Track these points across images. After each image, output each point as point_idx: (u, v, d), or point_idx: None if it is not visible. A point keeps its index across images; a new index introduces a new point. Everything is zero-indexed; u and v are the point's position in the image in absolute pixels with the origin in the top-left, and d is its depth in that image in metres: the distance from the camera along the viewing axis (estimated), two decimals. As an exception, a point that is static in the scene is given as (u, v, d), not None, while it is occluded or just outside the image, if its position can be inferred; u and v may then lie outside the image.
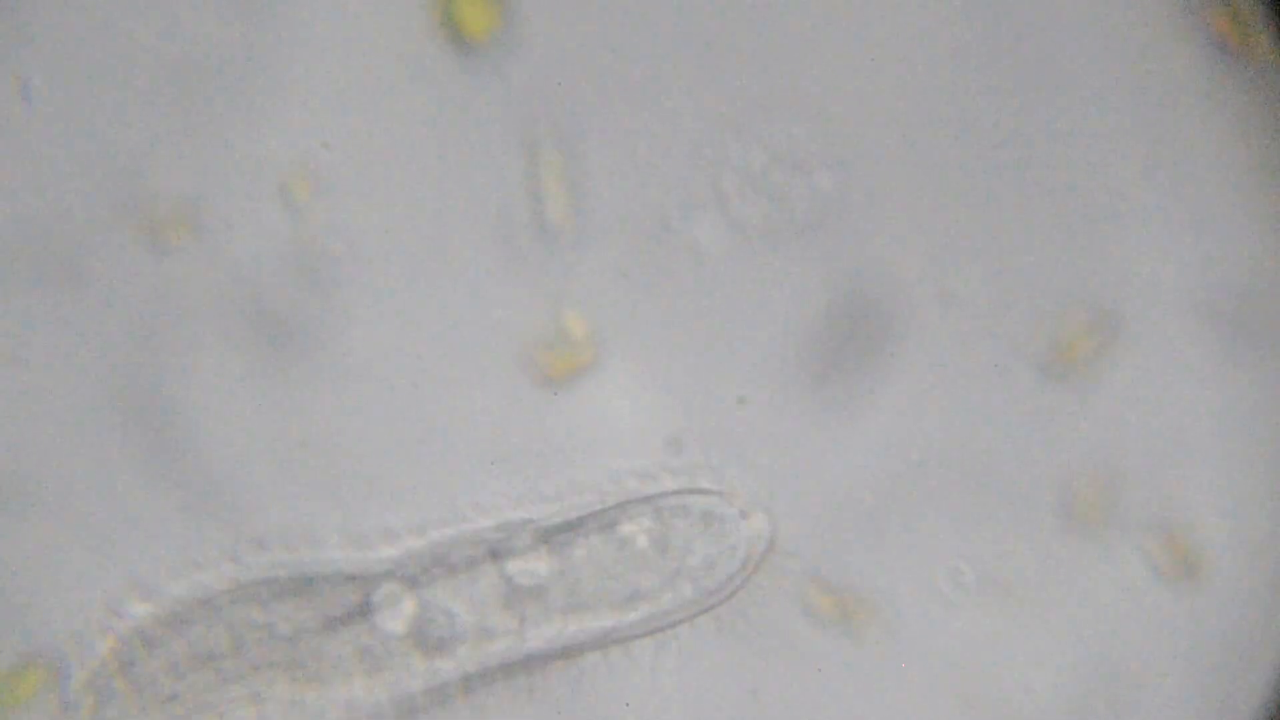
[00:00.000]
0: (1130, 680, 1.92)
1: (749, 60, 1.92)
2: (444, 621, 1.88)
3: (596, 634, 1.89)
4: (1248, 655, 1.93)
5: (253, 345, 1.90)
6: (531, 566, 1.89)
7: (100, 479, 1.90)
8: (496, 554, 1.89)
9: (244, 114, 1.90)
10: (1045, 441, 1.92)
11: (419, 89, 1.90)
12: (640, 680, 1.90)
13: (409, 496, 1.90)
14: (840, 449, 1.92)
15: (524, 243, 1.91)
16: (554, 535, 1.89)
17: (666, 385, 1.92)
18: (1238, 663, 1.92)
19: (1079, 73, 1.93)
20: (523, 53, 1.90)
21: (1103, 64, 1.93)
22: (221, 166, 1.90)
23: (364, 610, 1.87)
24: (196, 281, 1.90)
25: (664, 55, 1.91)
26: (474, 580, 1.88)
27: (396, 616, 1.87)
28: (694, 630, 1.90)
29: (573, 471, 1.91)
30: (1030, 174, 1.92)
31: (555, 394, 1.91)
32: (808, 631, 1.91)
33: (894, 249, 1.92)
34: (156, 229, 1.89)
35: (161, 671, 1.87)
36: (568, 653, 1.89)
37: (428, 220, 1.91)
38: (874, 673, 1.92)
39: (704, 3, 1.91)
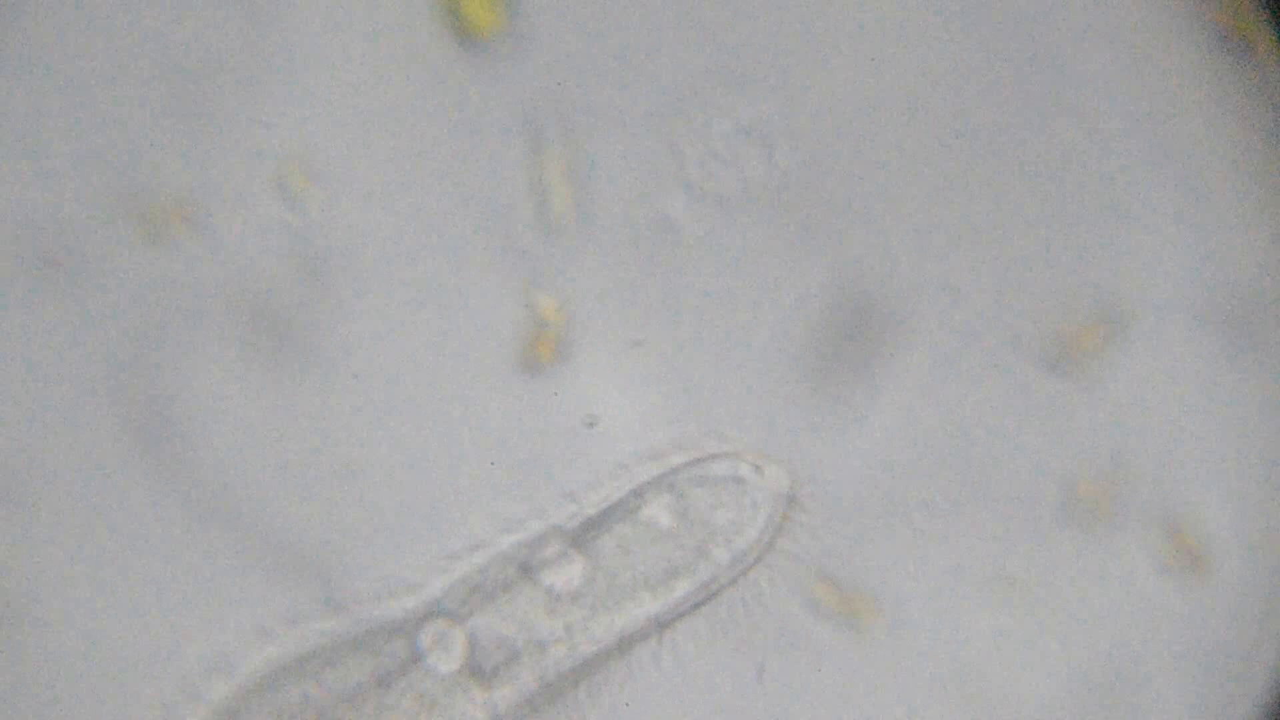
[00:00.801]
0: (1133, 677, 1.93)
1: (755, 53, 1.94)
2: (495, 648, 1.87)
3: (646, 621, 1.89)
4: (1251, 651, 1.94)
5: (253, 345, 1.89)
6: (566, 572, 1.88)
7: (100, 478, 1.88)
8: (528, 568, 1.88)
9: (244, 108, 1.90)
10: (1048, 436, 1.93)
11: (421, 84, 1.91)
12: (648, 679, 1.90)
13: (423, 524, 1.89)
14: (839, 444, 1.93)
15: (524, 238, 1.91)
16: (579, 536, 1.89)
17: (664, 372, 1.93)
18: (1241, 660, 1.93)
19: (1082, 69, 1.94)
20: (527, 49, 1.91)
21: (1105, 61, 1.95)
22: (221, 161, 1.89)
23: (414, 657, 1.86)
24: (196, 280, 1.89)
25: (668, 49, 1.93)
26: (513, 600, 1.88)
27: (448, 655, 1.86)
28: (699, 627, 1.90)
29: (582, 466, 1.91)
30: (1030, 174, 1.94)
31: (552, 387, 1.91)
32: (812, 626, 1.92)
33: (895, 240, 1.93)
34: (154, 223, 1.88)
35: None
36: (623, 646, 1.89)
37: (427, 215, 1.91)
38: (878, 666, 1.93)
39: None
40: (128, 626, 1.88)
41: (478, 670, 1.87)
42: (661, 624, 1.89)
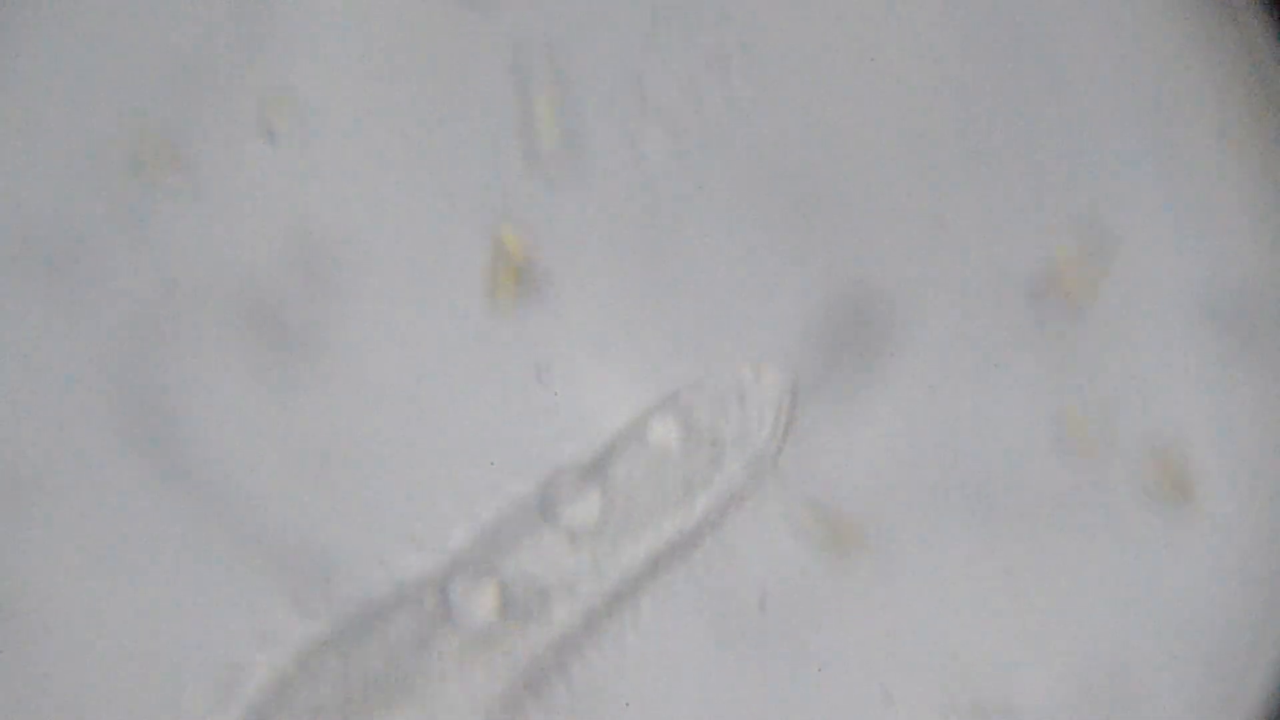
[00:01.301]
0: (1132, 670, 1.93)
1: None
2: (526, 592, 1.88)
3: (670, 542, 1.89)
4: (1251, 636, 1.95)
5: (251, 340, 1.90)
6: (582, 508, 1.89)
7: (100, 478, 1.88)
8: (545, 508, 1.89)
9: (233, 45, 1.90)
10: (1037, 368, 1.93)
11: (409, 30, 1.91)
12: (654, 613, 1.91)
13: (431, 482, 1.90)
14: (827, 364, 1.93)
15: (514, 176, 1.92)
16: (590, 470, 1.90)
17: (648, 311, 1.93)
18: (1242, 646, 1.94)
19: (1082, 71, 1.94)
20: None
21: (1104, 68, 1.94)
22: (205, 99, 1.90)
23: (447, 613, 1.87)
24: (196, 280, 1.90)
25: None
26: (537, 542, 1.88)
27: (480, 605, 1.87)
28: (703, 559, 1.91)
29: (580, 403, 1.91)
30: (1030, 175, 1.94)
31: (536, 328, 1.91)
32: (801, 557, 1.92)
33: (876, 181, 1.93)
34: (148, 160, 1.89)
35: (286, 750, 1.87)
36: (653, 570, 1.90)
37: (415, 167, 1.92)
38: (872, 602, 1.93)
39: None
40: (127, 626, 1.88)
41: (512, 616, 1.87)
42: (684, 544, 1.90)
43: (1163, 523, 1.91)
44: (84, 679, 1.88)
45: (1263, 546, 1.92)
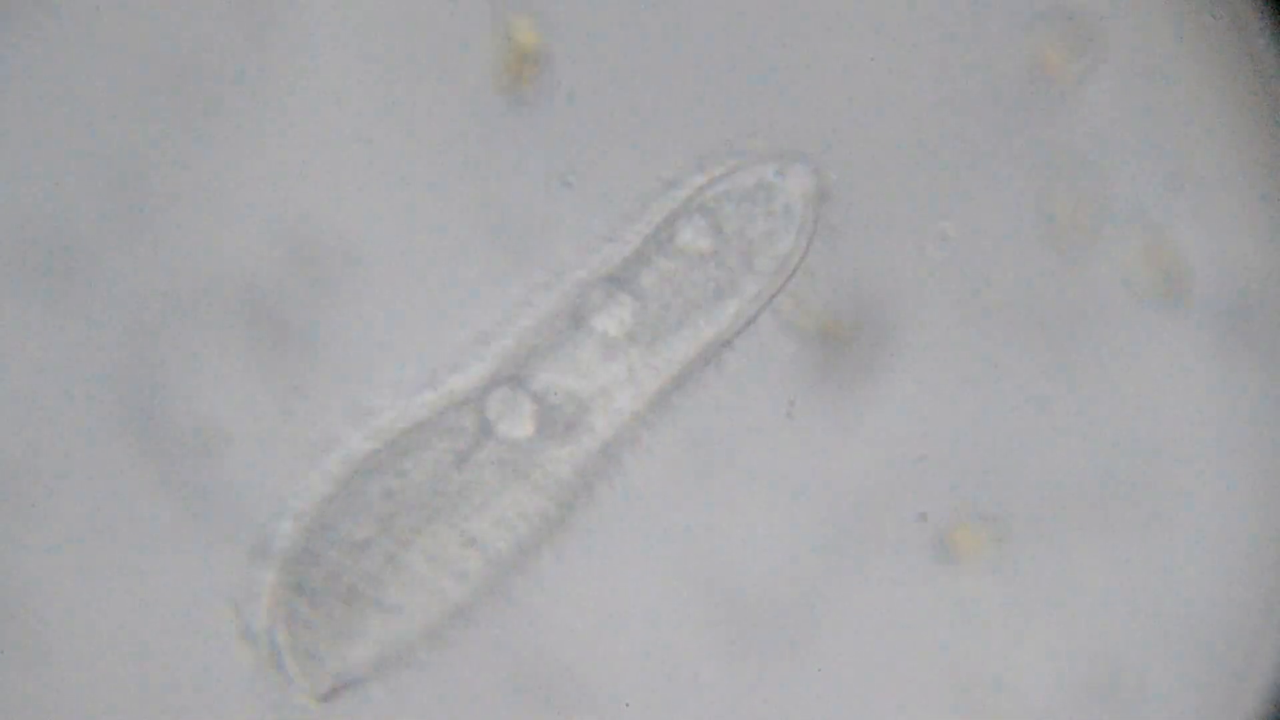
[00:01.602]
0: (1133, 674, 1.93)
1: None
2: (564, 402, 1.85)
3: (704, 345, 1.87)
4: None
5: (251, 340, 1.87)
6: (615, 313, 1.86)
7: (100, 479, 1.86)
8: (577, 317, 1.86)
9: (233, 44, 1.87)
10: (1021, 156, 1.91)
11: None
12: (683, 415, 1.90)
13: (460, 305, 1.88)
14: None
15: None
16: (620, 276, 1.87)
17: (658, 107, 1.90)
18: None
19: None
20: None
21: (1104, 68, 1.91)
22: (205, 99, 1.87)
23: (485, 428, 1.84)
24: (196, 280, 1.87)
25: None
26: (571, 351, 1.86)
27: (518, 420, 1.85)
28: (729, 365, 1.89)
29: (606, 210, 1.89)
30: (1030, 175, 1.91)
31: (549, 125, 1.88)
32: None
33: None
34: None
35: (329, 576, 1.84)
36: (686, 374, 1.88)
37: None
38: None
39: None
40: (128, 626, 1.86)
41: (551, 428, 1.85)
42: (719, 345, 1.88)
43: (1163, 523, 1.92)
44: (84, 679, 1.86)
45: (1263, 546, 1.92)
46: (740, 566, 1.90)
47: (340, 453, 1.86)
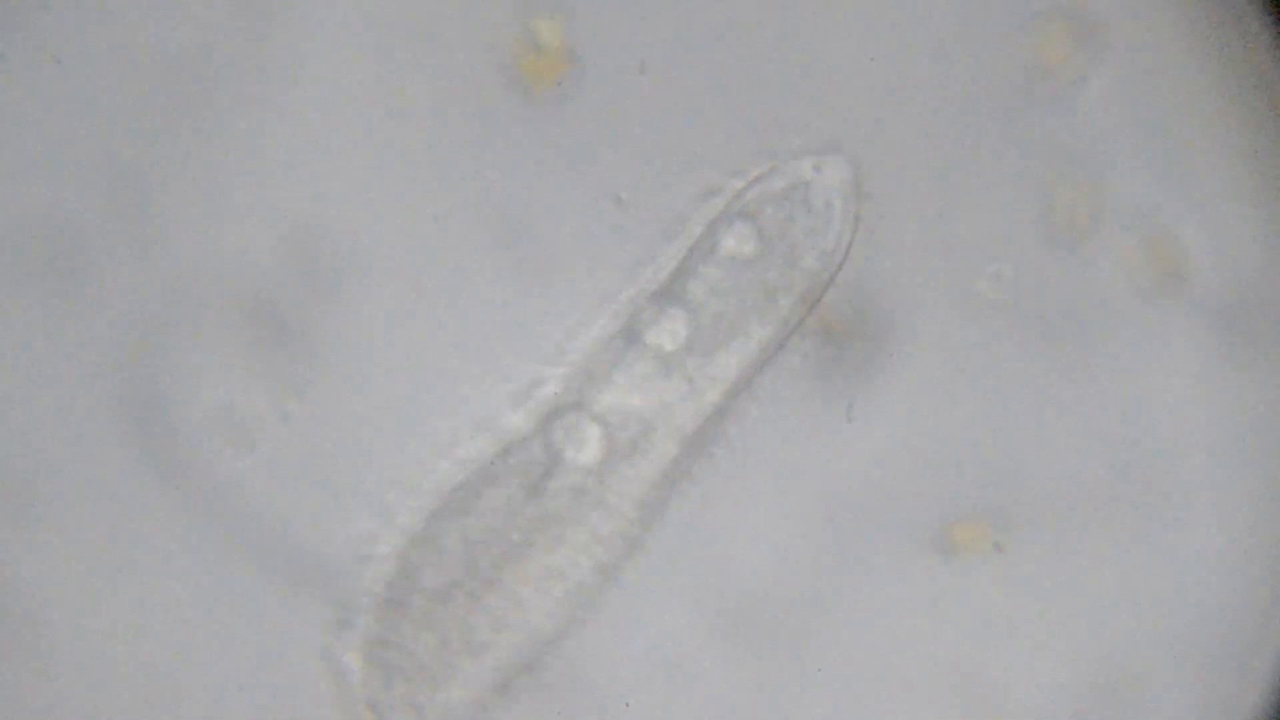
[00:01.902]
0: (1132, 677, 1.92)
1: None
2: (628, 422, 1.85)
3: (760, 349, 1.87)
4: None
5: (251, 340, 1.87)
6: (668, 327, 1.86)
7: (101, 479, 1.86)
8: (631, 335, 1.86)
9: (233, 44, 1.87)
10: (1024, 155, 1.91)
11: None
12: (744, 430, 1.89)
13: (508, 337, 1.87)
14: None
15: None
16: (668, 290, 1.86)
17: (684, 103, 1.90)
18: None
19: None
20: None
21: (1104, 68, 1.91)
22: (205, 99, 1.87)
23: (553, 458, 1.84)
24: (196, 280, 1.86)
25: None
26: (629, 370, 1.85)
27: (585, 445, 1.84)
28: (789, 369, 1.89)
29: (653, 221, 1.88)
30: (1030, 174, 1.91)
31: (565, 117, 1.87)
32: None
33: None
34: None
35: (417, 627, 1.83)
36: (745, 380, 1.87)
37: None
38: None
39: None
40: (128, 626, 1.85)
41: (617, 450, 1.84)
42: (775, 346, 1.88)
43: (1163, 521, 1.91)
44: (85, 679, 1.86)
45: (1263, 546, 1.91)
46: (740, 566, 1.89)
47: (413, 491, 1.85)
